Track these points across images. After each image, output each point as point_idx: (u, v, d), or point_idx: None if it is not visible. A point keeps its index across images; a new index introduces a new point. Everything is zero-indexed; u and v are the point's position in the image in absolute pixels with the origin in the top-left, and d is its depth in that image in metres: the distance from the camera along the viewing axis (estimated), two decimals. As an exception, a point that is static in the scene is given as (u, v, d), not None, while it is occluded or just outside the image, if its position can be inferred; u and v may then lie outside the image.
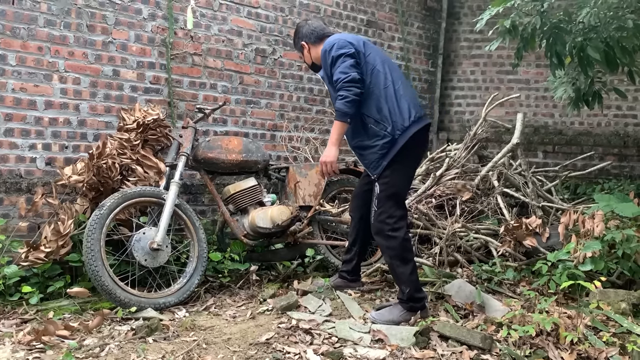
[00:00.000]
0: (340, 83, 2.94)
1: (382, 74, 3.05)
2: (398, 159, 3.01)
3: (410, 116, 3.01)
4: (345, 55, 2.98)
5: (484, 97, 6.04)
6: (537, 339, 2.79)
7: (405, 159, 3.04)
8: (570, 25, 3.69)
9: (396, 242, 3.02)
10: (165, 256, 3.35)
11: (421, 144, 3.14)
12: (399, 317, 3.00)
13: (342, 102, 2.93)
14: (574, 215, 3.71)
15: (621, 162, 5.86)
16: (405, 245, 3.04)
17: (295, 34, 3.39)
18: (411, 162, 3.11)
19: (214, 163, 3.67)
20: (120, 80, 3.96)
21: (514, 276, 3.75)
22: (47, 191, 3.56)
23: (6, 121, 3.53)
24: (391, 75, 3.08)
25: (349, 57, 2.98)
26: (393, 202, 3.03)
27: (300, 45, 3.33)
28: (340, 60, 2.98)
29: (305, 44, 3.28)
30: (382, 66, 3.08)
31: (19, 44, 3.55)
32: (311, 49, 3.27)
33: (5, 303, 3.20)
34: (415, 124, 3.02)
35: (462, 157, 4.81)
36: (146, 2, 4.05)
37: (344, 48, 3.01)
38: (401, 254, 3.03)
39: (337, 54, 3.00)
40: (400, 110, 3.01)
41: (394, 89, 3.04)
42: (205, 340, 2.74)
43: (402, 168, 3.05)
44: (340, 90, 2.94)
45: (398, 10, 5.78)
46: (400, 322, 2.97)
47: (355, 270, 3.52)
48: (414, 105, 3.07)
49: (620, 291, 3.28)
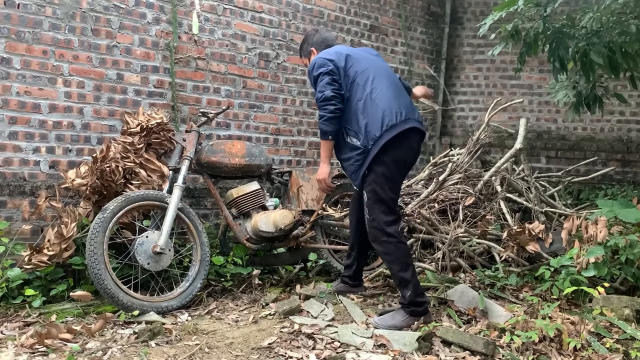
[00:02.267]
0: (318, 102, 3.05)
1: (361, 86, 3.08)
2: (375, 167, 3.03)
3: (383, 125, 3.00)
4: (323, 73, 3.06)
5: (486, 102, 6.04)
6: (540, 345, 2.78)
7: (385, 165, 3.03)
8: (573, 30, 3.70)
9: (392, 247, 3.03)
10: (168, 260, 3.35)
11: (403, 148, 3.07)
12: (402, 322, 3.00)
13: (321, 122, 3.07)
14: (577, 221, 3.70)
15: (624, 167, 5.84)
16: (401, 249, 3.05)
17: (304, 40, 3.44)
18: (394, 167, 3.07)
19: (217, 167, 3.68)
20: (124, 84, 3.97)
21: (516, 282, 3.74)
22: (50, 194, 3.57)
23: (10, 124, 3.54)
24: (371, 84, 3.08)
25: (326, 75, 3.06)
26: (381, 208, 3.04)
27: (309, 51, 3.39)
28: (319, 79, 3.08)
29: (315, 50, 3.35)
30: (362, 77, 3.09)
31: (23, 47, 3.57)
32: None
33: (8, 306, 3.21)
34: (390, 131, 3.00)
35: (465, 162, 4.80)
36: (150, 7, 4.07)
37: (322, 67, 3.08)
38: (399, 258, 3.03)
39: (317, 74, 3.08)
40: (374, 120, 3.01)
41: (371, 99, 3.04)
42: (208, 344, 2.73)
43: (383, 175, 3.04)
44: (319, 110, 3.06)
45: (401, 15, 5.80)
46: (403, 327, 2.97)
47: (356, 275, 3.52)
48: (390, 112, 3.02)
49: (624, 297, 3.27)
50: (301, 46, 3.49)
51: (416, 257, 4.24)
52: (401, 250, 3.04)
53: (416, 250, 4.27)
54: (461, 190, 4.58)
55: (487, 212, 4.51)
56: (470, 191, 4.56)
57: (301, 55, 3.55)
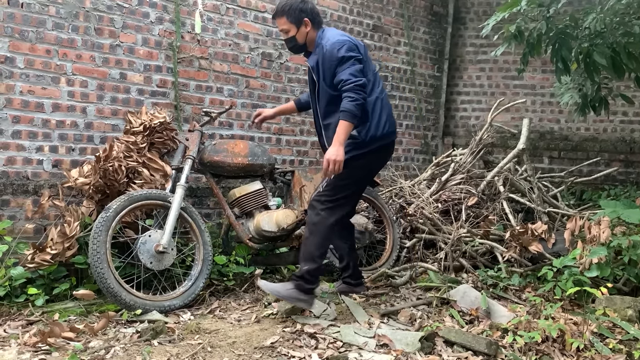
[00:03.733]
0: (352, 85, 2.98)
1: (371, 83, 3.17)
2: (359, 160, 3.12)
3: (384, 128, 3.15)
4: (356, 59, 3.05)
5: (489, 102, 6.04)
6: (543, 345, 2.78)
7: (365, 164, 3.17)
8: (576, 31, 3.69)
9: (322, 222, 3.11)
10: (171, 259, 3.36)
11: (381, 158, 3.28)
12: (285, 292, 3.08)
13: (354, 104, 2.97)
14: (580, 221, 3.69)
15: (627, 168, 5.83)
16: (327, 231, 3.12)
17: (293, 4, 3.18)
18: (367, 170, 3.24)
19: (220, 166, 3.68)
20: (127, 84, 3.98)
21: (519, 282, 3.74)
22: (53, 193, 3.57)
23: (14, 123, 3.55)
24: (379, 86, 3.23)
25: (359, 62, 3.06)
26: (338, 192, 3.13)
27: (301, 19, 3.17)
28: (350, 62, 3.03)
29: (309, 22, 3.20)
30: (372, 76, 3.20)
31: (27, 46, 3.57)
32: (311, 30, 3.21)
33: (11, 305, 3.21)
34: (385, 138, 3.17)
35: (468, 162, 4.80)
36: (154, 6, 4.07)
37: (354, 51, 3.06)
38: (321, 235, 3.11)
39: (348, 55, 3.04)
40: (379, 121, 3.14)
41: (381, 101, 3.18)
42: (210, 343, 2.74)
43: (359, 169, 3.16)
44: (351, 92, 2.99)
45: (404, 15, 5.79)
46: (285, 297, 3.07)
47: (356, 275, 3.52)
48: (390, 120, 3.21)
49: (627, 298, 3.27)
50: (288, 9, 3.18)
51: (419, 257, 4.24)
52: (327, 231, 3.12)
53: (419, 250, 4.27)
54: (464, 191, 4.58)
55: (489, 212, 4.51)
56: (472, 191, 4.56)
57: (286, 16, 3.19)
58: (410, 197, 4.62)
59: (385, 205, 4.27)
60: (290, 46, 3.32)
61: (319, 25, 3.24)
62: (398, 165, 5.78)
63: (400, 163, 5.83)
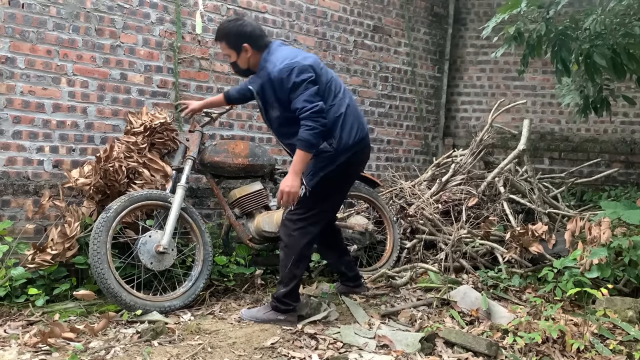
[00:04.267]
0: (308, 113, 2.86)
1: (333, 94, 3.05)
2: (333, 175, 3.03)
3: (355, 138, 3.05)
4: (308, 81, 2.89)
5: (490, 103, 6.04)
6: (543, 346, 2.78)
7: (340, 176, 3.08)
8: (576, 32, 3.69)
9: (295, 244, 3.03)
10: (171, 259, 3.36)
11: (357, 164, 3.19)
12: (263, 316, 3.05)
13: (310, 134, 2.86)
14: (581, 222, 3.69)
15: (628, 169, 5.83)
16: (302, 251, 3.04)
17: (232, 29, 3.07)
18: (343, 181, 3.16)
19: (220, 167, 3.68)
20: (128, 84, 3.98)
21: (519, 283, 3.74)
22: (54, 194, 3.57)
23: (14, 124, 3.55)
24: (341, 91, 3.10)
25: (312, 84, 2.90)
26: (312, 209, 3.04)
27: (240, 45, 3.05)
28: (303, 87, 2.88)
29: (249, 47, 3.05)
30: (334, 86, 3.06)
31: (28, 47, 3.57)
32: (252, 55, 3.08)
33: (11, 305, 3.21)
34: (356, 146, 3.07)
35: (468, 163, 4.80)
36: (154, 7, 4.08)
37: (305, 72, 2.90)
38: (295, 257, 3.03)
39: (299, 80, 2.88)
40: (349, 132, 3.03)
41: (346, 106, 3.05)
42: (211, 344, 2.74)
43: (334, 184, 3.08)
44: (307, 120, 2.86)
45: (404, 16, 5.79)
46: (265, 321, 3.02)
47: (354, 277, 3.53)
48: (360, 126, 3.10)
49: (627, 299, 3.27)
50: (227, 31, 3.09)
51: (419, 257, 4.24)
52: (302, 251, 3.04)
53: (419, 251, 4.27)
54: (464, 191, 4.58)
55: (490, 213, 4.51)
56: (473, 192, 4.56)
57: (225, 42, 3.11)
58: (410, 197, 4.62)
59: (386, 205, 4.27)
60: (235, 71, 3.25)
61: (263, 48, 3.06)
62: (398, 165, 5.78)
63: (401, 164, 5.83)
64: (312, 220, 3.06)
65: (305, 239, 3.04)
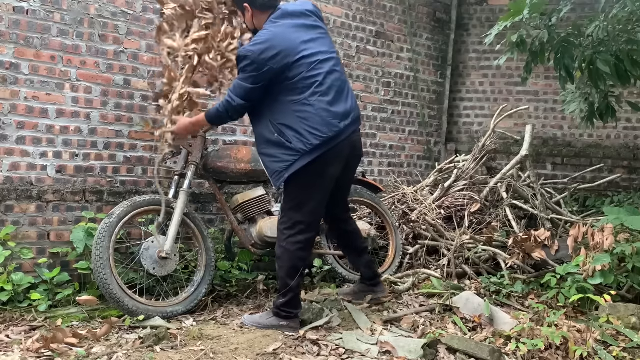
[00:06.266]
0: (227, 99, 2.98)
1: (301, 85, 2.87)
2: (302, 175, 2.90)
3: (320, 136, 2.86)
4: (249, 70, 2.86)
5: (492, 108, 6.03)
6: (546, 352, 2.77)
7: (313, 177, 2.93)
8: (579, 39, 3.70)
9: (284, 254, 3.00)
10: (174, 265, 3.36)
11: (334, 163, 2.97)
12: (266, 322, 3.04)
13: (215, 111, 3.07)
14: (583, 228, 3.69)
15: (631, 174, 5.82)
16: (294, 260, 2.99)
17: None
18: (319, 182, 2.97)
19: (223, 172, 3.68)
20: (131, 90, 3.99)
21: (522, 289, 3.73)
22: (57, 199, 3.58)
23: (18, 129, 3.56)
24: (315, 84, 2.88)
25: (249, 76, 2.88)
26: (294, 216, 2.99)
27: (242, 5, 3.03)
28: (240, 75, 2.91)
29: (248, 6, 3.01)
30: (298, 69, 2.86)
31: (32, 53, 3.59)
32: (255, 15, 3.03)
33: (14, 310, 3.22)
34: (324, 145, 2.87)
35: (471, 168, 4.80)
36: (158, 13, 4.09)
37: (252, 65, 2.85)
38: (288, 266, 2.99)
39: (241, 67, 2.90)
40: (312, 127, 2.86)
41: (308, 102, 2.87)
42: (213, 350, 2.73)
43: (307, 185, 2.96)
44: (223, 101, 3.00)
45: (407, 22, 5.81)
46: (267, 327, 3.00)
47: (372, 276, 3.47)
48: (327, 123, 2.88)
49: (631, 305, 3.26)
50: None
51: (422, 263, 4.23)
52: (294, 260, 2.98)
53: (422, 257, 4.26)
54: (467, 197, 4.58)
55: (492, 218, 4.51)
56: (476, 198, 4.55)
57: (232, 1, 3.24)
58: (413, 203, 4.61)
59: (388, 211, 4.27)
60: (251, 33, 3.20)
61: (266, 7, 2.97)
62: (401, 171, 5.78)
63: (403, 169, 5.83)
64: (298, 229, 2.98)
65: (294, 247, 2.98)
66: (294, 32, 2.92)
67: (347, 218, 3.43)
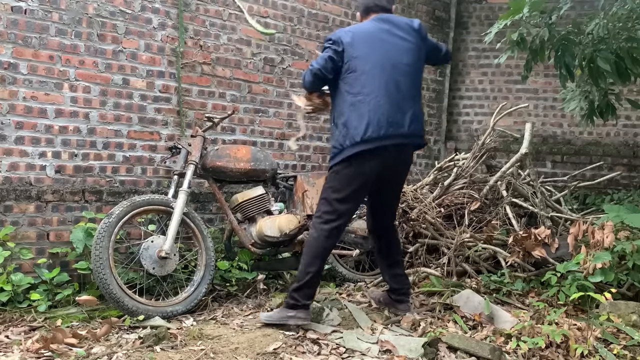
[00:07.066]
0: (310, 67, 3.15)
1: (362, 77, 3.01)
2: (342, 167, 3.01)
3: (365, 134, 2.93)
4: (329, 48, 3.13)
5: (492, 106, 6.03)
6: (547, 351, 2.77)
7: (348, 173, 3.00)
8: (579, 37, 3.69)
9: (311, 241, 3.04)
10: (173, 264, 3.36)
11: (375, 165, 3.01)
12: (277, 315, 3.02)
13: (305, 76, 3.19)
14: (584, 226, 3.68)
15: (631, 172, 5.82)
16: (317, 251, 3.02)
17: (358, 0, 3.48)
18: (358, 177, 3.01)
19: (222, 171, 3.68)
20: (130, 89, 3.99)
21: (522, 287, 3.72)
22: (56, 199, 3.57)
23: (17, 129, 3.55)
24: (374, 81, 2.99)
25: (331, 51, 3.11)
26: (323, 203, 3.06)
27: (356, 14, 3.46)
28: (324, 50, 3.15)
29: (359, 15, 3.36)
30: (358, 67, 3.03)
31: (30, 52, 3.58)
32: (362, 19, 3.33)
33: (14, 310, 3.22)
34: (366, 144, 2.94)
35: (471, 166, 4.79)
36: (156, 12, 4.08)
37: (328, 42, 3.15)
38: (311, 252, 3.02)
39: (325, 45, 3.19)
40: (358, 125, 2.95)
41: (368, 98, 2.97)
42: (213, 349, 2.73)
43: (346, 176, 3.01)
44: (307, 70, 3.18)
45: (406, 20, 5.79)
46: (277, 320, 2.98)
47: (398, 290, 3.34)
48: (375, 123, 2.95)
49: (631, 303, 3.25)
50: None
51: (422, 262, 4.23)
52: (319, 249, 3.03)
53: (421, 255, 4.26)
54: (467, 195, 4.57)
55: (492, 217, 4.50)
56: (475, 196, 4.54)
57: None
58: (412, 201, 4.60)
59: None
60: None
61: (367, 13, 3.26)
62: (401, 169, 5.76)
63: (403, 168, 5.81)
64: (326, 219, 3.03)
65: (317, 234, 3.03)
66: (377, 33, 3.11)
67: (391, 227, 3.40)
